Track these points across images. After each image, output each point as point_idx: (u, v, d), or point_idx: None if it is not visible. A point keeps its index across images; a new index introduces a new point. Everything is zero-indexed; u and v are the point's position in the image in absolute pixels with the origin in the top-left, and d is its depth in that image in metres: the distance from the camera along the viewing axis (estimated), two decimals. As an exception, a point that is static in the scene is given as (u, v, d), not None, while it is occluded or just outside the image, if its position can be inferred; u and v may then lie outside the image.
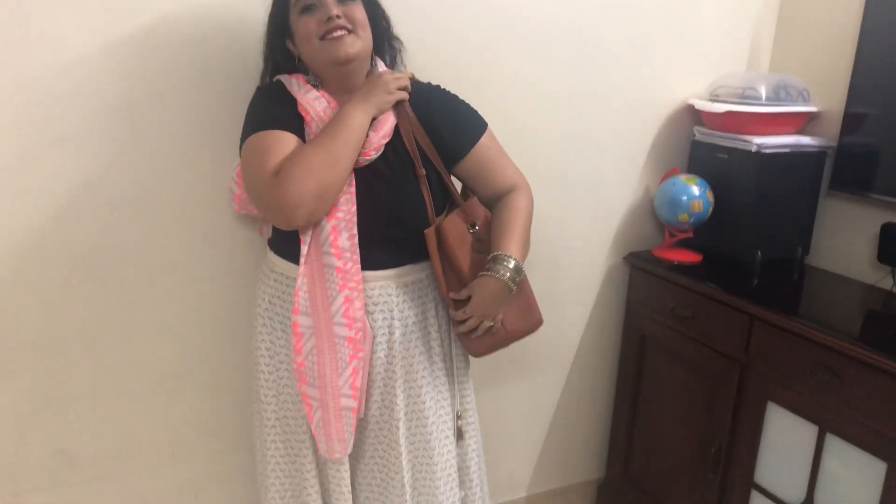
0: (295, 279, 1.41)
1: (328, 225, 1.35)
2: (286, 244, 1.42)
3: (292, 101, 1.38)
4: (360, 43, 1.34)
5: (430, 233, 1.41)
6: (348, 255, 1.36)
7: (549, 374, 2.29)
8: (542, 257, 2.10)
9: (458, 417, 1.57)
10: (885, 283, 1.96)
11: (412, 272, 1.47)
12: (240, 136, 1.40)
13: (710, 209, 2.07)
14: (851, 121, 1.99)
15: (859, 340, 1.59)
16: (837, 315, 1.85)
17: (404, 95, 1.40)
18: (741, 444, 1.86)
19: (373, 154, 1.36)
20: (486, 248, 1.46)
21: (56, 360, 1.63)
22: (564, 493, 2.42)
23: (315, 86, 1.40)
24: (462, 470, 1.62)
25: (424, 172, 1.41)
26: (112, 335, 1.67)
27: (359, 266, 1.38)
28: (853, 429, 1.60)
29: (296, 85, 1.39)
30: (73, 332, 1.64)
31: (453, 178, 1.49)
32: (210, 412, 1.83)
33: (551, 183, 2.06)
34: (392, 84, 1.38)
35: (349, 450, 1.46)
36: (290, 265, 1.44)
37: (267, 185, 1.28)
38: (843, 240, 2.10)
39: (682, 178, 2.08)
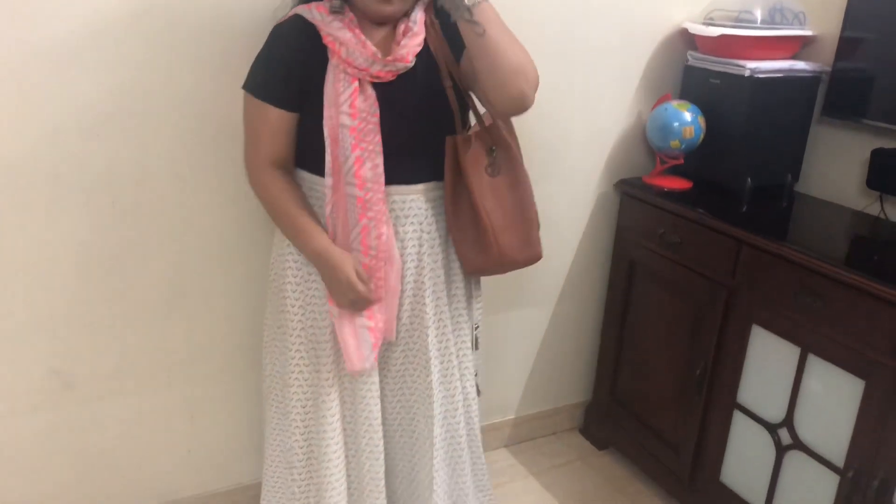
0: (322, 191, 1.45)
1: (352, 155, 1.37)
2: (314, 161, 1.44)
3: (311, 40, 1.37)
4: (401, 5, 1.37)
5: (449, 140, 1.44)
6: (370, 184, 1.39)
7: (538, 299, 2.31)
8: (533, 183, 2.09)
9: (476, 328, 1.67)
10: (874, 209, 1.98)
11: (441, 187, 1.51)
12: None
13: (702, 135, 2.06)
14: (846, 45, 1.97)
15: (844, 263, 1.62)
16: (824, 240, 1.87)
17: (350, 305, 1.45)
18: (725, 366, 1.91)
19: (410, 59, 1.39)
20: (499, 173, 1.48)
21: (46, 283, 1.64)
22: (552, 414, 2.49)
23: (338, 12, 1.38)
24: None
25: (451, 84, 1.43)
26: (102, 257, 1.68)
27: (381, 195, 1.41)
28: (834, 349, 1.64)
29: (318, 16, 1.37)
30: (62, 255, 1.64)
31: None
32: (204, 335, 1.85)
33: (543, 107, 2.03)
34: (350, 295, 1.43)
35: (365, 365, 1.49)
36: (317, 178, 1.46)
37: (252, 170, 1.46)
38: (834, 166, 2.11)
39: (674, 104, 2.07)
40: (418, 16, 1.42)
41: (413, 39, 1.39)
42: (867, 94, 1.94)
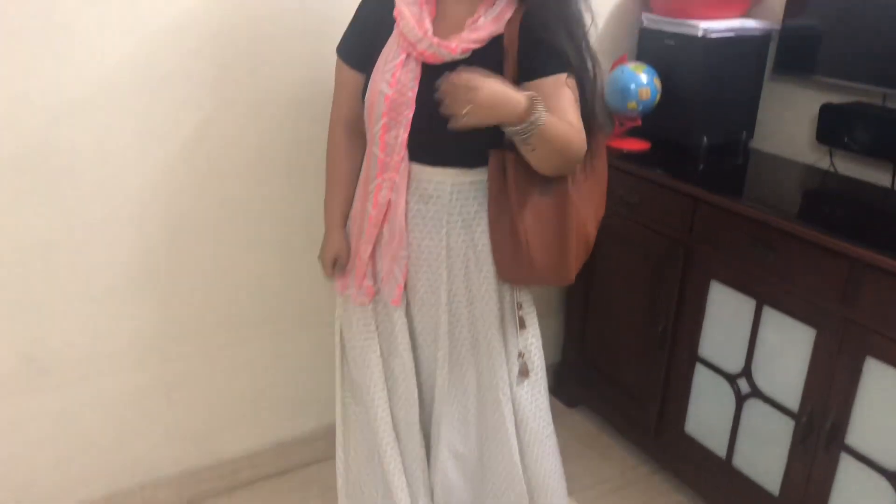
0: None
1: (381, 120, 1.42)
2: None
3: (387, 9, 1.41)
4: None
5: (497, 154, 1.42)
6: (390, 149, 1.44)
7: (505, 265, 2.35)
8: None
9: (519, 307, 1.63)
10: (823, 162, 2.04)
11: (472, 174, 1.49)
12: None
13: (658, 96, 2.10)
14: (794, 3, 2.00)
15: (795, 217, 1.67)
16: (776, 195, 1.92)
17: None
18: (686, 322, 1.97)
19: (458, 52, 1.37)
20: (548, 194, 1.45)
21: (12, 269, 1.64)
22: (524, 376, 2.54)
23: None
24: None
25: None
26: (66, 240, 1.68)
27: (399, 161, 1.44)
28: (787, 300, 1.70)
29: None
30: (27, 240, 1.64)
31: None
32: (177, 315, 1.87)
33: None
34: (321, 266, 1.62)
35: (360, 301, 1.57)
36: None
37: (330, 125, 1.58)
38: (786, 122, 2.16)
39: (631, 66, 2.10)
40: (497, 10, 1.38)
41: (473, 33, 1.36)
42: (816, 50, 1.99)
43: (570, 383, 2.50)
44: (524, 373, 1.67)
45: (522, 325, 1.65)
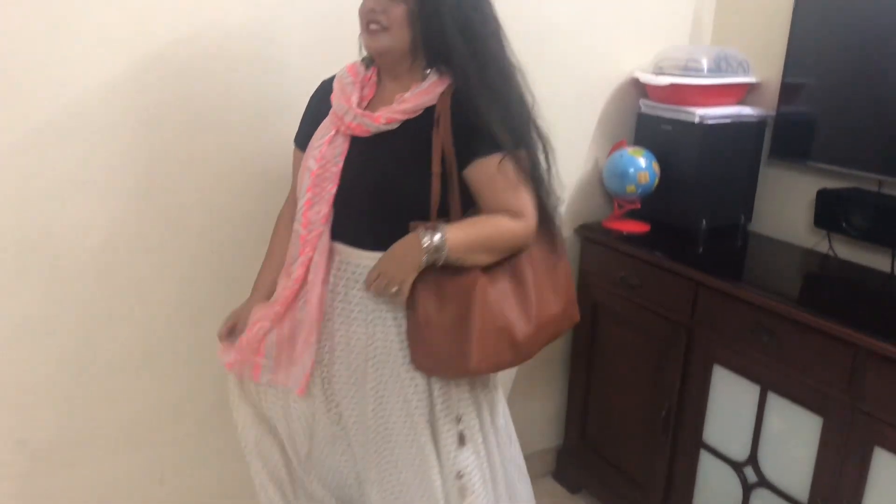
0: None
1: (306, 195, 1.42)
2: None
3: (329, 93, 1.46)
4: (387, 41, 1.35)
5: (413, 227, 1.35)
6: (312, 226, 1.43)
7: (505, 345, 2.33)
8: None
9: (458, 420, 1.46)
10: (822, 246, 2.05)
11: None
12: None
13: (657, 180, 2.13)
14: (789, 91, 2.06)
15: (796, 302, 1.67)
16: (777, 279, 1.93)
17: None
18: (690, 406, 1.94)
19: (382, 121, 1.37)
20: (457, 271, 1.37)
21: (9, 350, 1.63)
22: (525, 461, 2.48)
23: (368, 64, 1.46)
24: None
25: (440, 170, 1.36)
26: (67, 322, 1.67)
27: (317, 237, 1.42)
28: (792, 386, 1.68)
29: (341, 75, 1.47)
30: (26, 321, 1.63)
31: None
32: (172, 397, 1.84)
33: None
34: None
35: (261, 379, 1.53)
36: None
37: (285, 202, 1.62)
38: (783, 206, 2.18)
39: (629, 150, 2.13)
40: (426, 84, 1.37)
41: (401, 105, 1.36)
42: (810, 137, 2.02)
43: (571, 467, 2.44)
44: (463, 495, 1.46)
45: (462, 441, 1.46)
